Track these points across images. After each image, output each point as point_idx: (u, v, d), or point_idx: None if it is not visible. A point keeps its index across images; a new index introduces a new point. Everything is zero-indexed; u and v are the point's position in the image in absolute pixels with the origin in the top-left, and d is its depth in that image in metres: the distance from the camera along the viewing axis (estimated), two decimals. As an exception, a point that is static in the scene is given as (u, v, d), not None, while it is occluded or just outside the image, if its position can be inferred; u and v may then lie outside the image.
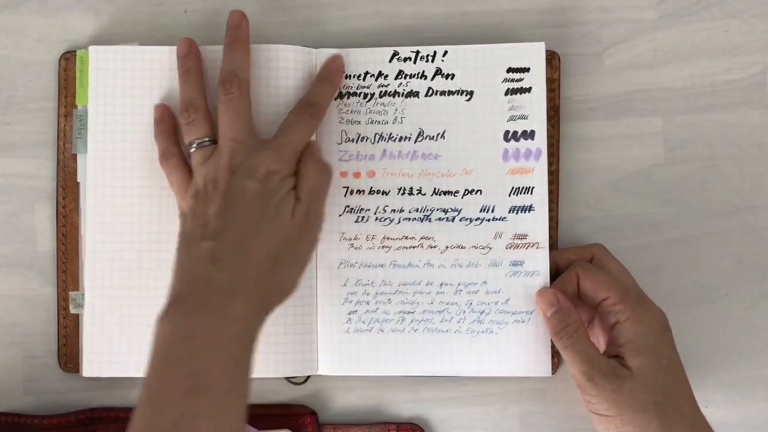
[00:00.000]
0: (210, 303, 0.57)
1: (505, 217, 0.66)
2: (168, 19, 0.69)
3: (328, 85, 0.66)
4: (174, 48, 0.66)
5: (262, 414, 0.68)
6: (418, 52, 0.67)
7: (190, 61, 0.65)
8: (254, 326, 0.58)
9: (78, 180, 0.68)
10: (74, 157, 0.68)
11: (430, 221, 0.67)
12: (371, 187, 0.67)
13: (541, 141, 0.66)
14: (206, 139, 0.63)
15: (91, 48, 0.67)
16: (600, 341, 0.66)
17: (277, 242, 0.60)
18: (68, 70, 0.68)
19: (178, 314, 0.56)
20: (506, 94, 0.66)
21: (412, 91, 0.67)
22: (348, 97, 0.67)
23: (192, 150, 0.63)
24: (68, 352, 0.68)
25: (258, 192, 0.60)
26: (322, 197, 0.63)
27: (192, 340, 0.55)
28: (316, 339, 0.67)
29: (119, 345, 0.66)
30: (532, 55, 0.66)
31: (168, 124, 0.66)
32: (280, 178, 0.61)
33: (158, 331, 0.56)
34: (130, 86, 0.66)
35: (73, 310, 0.67)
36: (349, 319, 0.67)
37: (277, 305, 0.60)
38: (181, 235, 0.61)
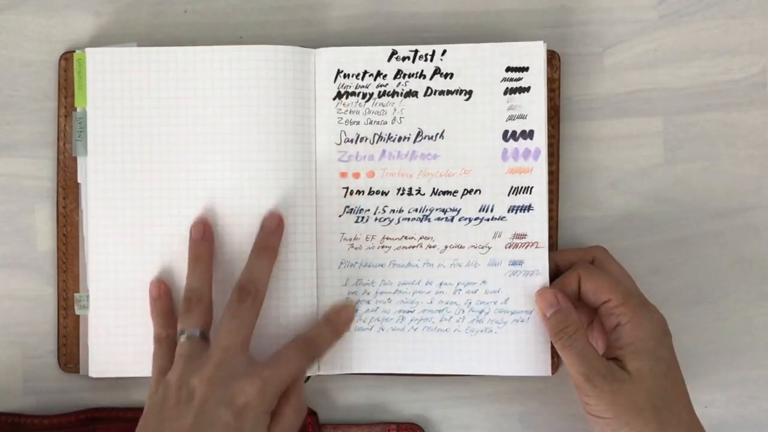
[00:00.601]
0: None
1: (504, 217, 0.66)
2: (168, 19, 0.69)
3: (332, 331, 0.65)
4: (171, 49, 0.66)
5: (262, 414, 0.68)
6: (416, 51, 0.67)
7: (203, 246, 0.64)
8: None
9: (78, 181, 0.68)
10: (74, 158, 0.68)
11: (429, 221, 0.67)
12: (371, 188, 0.67)
13: (540, 141, 0.66)
14: (198, 331, 0.62)
15: (88, 50, 0.66)
16: (599, 343, 0.66)
17: None
18: (68, 70, 0.68)
19: None
20: (505, 93, 0.66)
21: (411, 90, 0.67)
22: (346, 97, 0.67)
23: (181, 339, 0.62)
24: (68, 352, 0.68)
25: (231, 426, 0.57)
26: None
27: None
28: (316, 339, 0.67)
29: (125, 345, 0.66)
30: (532, 53, 0.66)
31: (165, 304, 0.65)
32: (256, 415, 0.58)
33: None
34: (128, 88, 0.66)
35: (78, 312, 0.67)
36: (350, 319, 0.67)
37: None
38: (141, 429, 0.59)
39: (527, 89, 0.66)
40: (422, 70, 0.67)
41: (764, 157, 0.69)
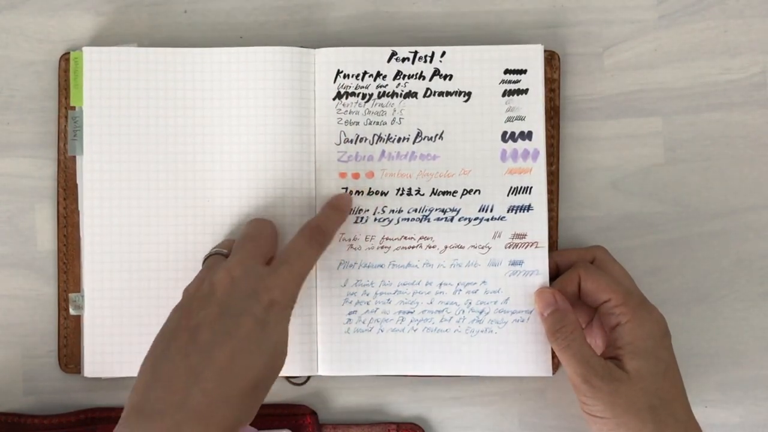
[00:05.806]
0: (184, 428, 0.54)
1: (504, 217, 0.66)
2: (168, 19, 0.69)
3: (338, 214, 0.65)
4: (169, 50, 0.66)
5: (262, 414, 0.68)
6: (416, 53, 0.67)
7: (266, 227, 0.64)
8: None
9: (77, 182, 0.68)
10: (74, 158, 0.68)
11: (429, 221, 0.67)
12: (370, 188, 0.67)
13: (538, 141, 0.66)
14: (225, 249, 0.62)
15: (85, 49, 0.66)
16: (598, 343, 0.66)
17: (266, 371, 0.57)
18: (68, 70, 0.68)
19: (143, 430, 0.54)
20: (504, 95, 0.66)
21: (410, 91, 0.67)
22: (346, 98, 0.67)
23: (211, 253, 0.63)
24: (68, 353, 0.68)
25: (259, 320, 0.57)
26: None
27: None
28: (316, 339, 0.67)
29: (120, 345, 0.66)
30: (530, 56, 0.66)
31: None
32: (282, 311, 0.58)
33: None
34: (125, 87, 0.66)
35: (72, 312, 0.67)
36: (349, 320, 0.67)
37: (239, 429, 0.57)
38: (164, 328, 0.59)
39: (525, 91, 0.66)
40: (422, 71, 0.67)
41: (764, 157, 0.69)
